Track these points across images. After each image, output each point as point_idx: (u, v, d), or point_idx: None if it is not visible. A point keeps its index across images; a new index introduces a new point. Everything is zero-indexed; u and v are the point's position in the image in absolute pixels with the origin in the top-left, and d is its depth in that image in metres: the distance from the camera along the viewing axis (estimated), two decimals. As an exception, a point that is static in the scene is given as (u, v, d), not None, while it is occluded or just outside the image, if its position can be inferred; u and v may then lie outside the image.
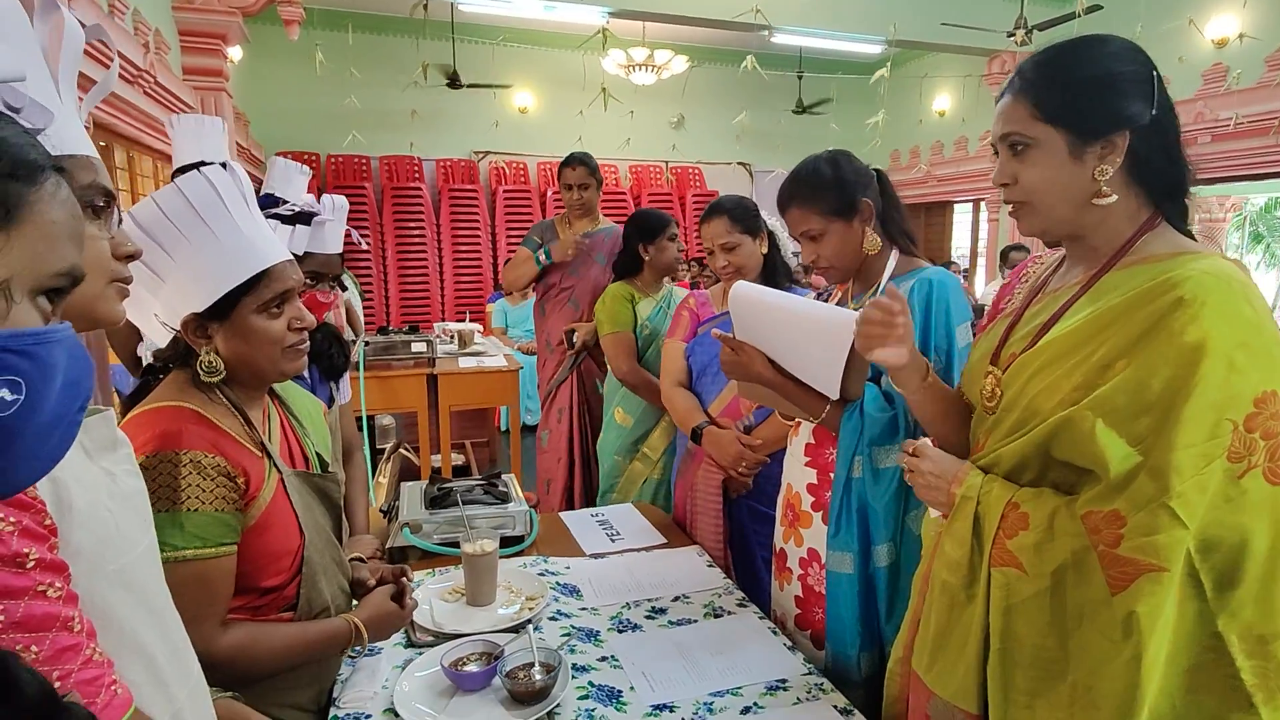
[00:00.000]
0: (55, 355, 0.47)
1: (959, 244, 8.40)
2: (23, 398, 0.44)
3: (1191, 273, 0.84)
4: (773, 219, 1.96)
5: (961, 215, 8.07)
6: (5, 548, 0.55)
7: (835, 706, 1.16)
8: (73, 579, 0.60)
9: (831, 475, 1.44)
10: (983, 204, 7.35)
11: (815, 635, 1.47)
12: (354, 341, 2.96)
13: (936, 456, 1.04)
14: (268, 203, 3.86)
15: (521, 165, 7.49)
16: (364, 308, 4.32)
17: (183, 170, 1.26)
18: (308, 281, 1.55)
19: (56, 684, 0.56)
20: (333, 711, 1.14)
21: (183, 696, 0.73)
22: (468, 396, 3.55)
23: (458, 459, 4.32)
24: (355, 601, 1.22)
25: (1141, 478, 0.81)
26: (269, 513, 1.05)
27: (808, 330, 1.34)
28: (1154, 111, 0.90)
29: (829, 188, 1.40)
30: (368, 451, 2.56)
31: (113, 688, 0.61)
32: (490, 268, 7.19)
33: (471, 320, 5.03)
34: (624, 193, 7.63)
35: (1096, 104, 0.91)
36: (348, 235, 1.71)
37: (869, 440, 1.33)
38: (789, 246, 1.99)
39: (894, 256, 1.40)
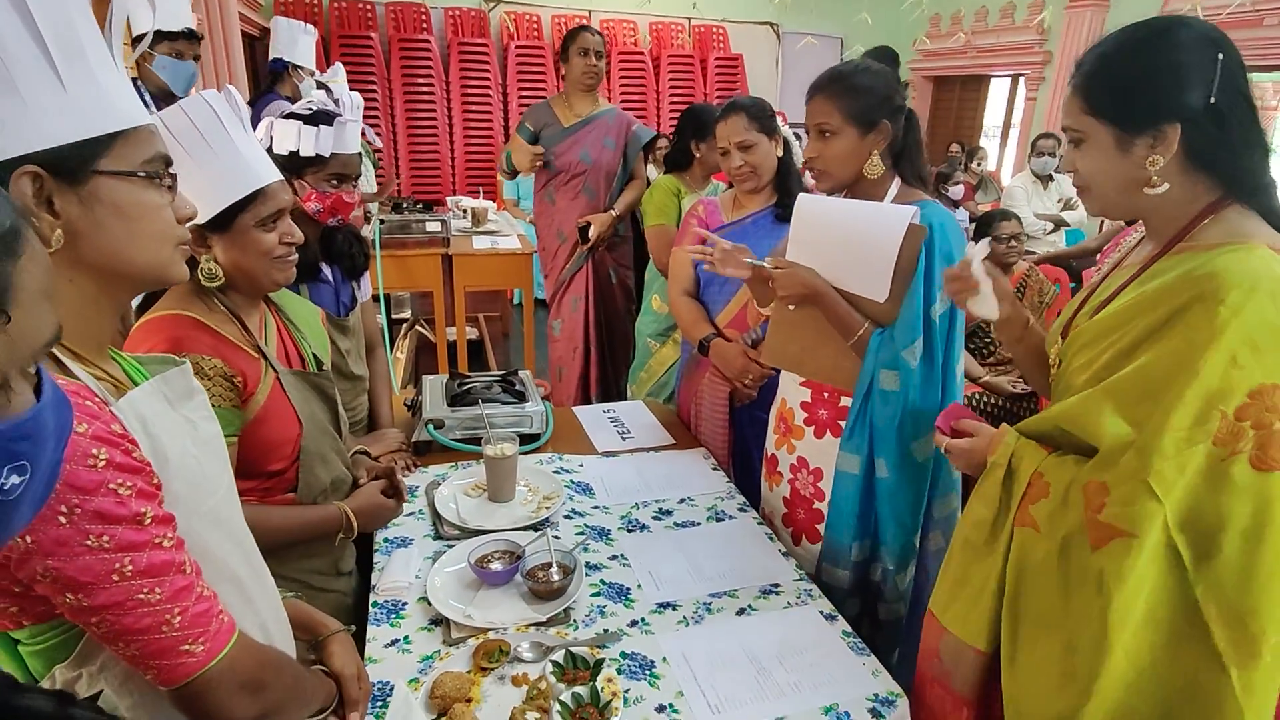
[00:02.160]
0: (46, 420, 0.48)
1: (992, 121, 8.01)
2: (29, 477, 0.46)
3: (1222, 269, 0.87)
4: (785, 127, 1.92)
5: (998, 90, 7.64)
6: (126, 509, 0.65)
7: (821, 611, 1.29)
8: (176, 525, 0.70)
9: (825, 395, 1.54)
10: (1021, 80, 6.93)
11: (797, 533, 1.61)
12: (369, 218, 2.96)
13: (961, 446, 1.13)
14: (278, 66, 3.70)
15: (535, 18, 7.03)
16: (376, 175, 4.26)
17: None
18: (333, 182, 1.56)
19: (178, 619, 0.68)
20: (372, 598, 1.28)
21: (266, 610, 0.87)
22: (482, 278, 3.58)
23: (471, 332, 4.42)
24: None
25: (1129, 454, 0.88)
26: (266, 408, 1.18)
27: (867, 224, 1.39)
28: (1211, 100, 0.89)
29: (861, 93, 1.40)
30: (384, 322, 2.65)
31: (220, 616, 0.73)
32: (501, 130, 6.95)
33: (485, 195, 4.94)
34: (642, 54, 7.21)
35: (1142, 97, 0.91)
36: (363, 134, 1.69)
37: (883, 360, 1.42)
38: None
39: (895, 185, 1.43)
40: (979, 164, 6.00)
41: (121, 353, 0.83)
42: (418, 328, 4.13)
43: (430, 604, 1.24)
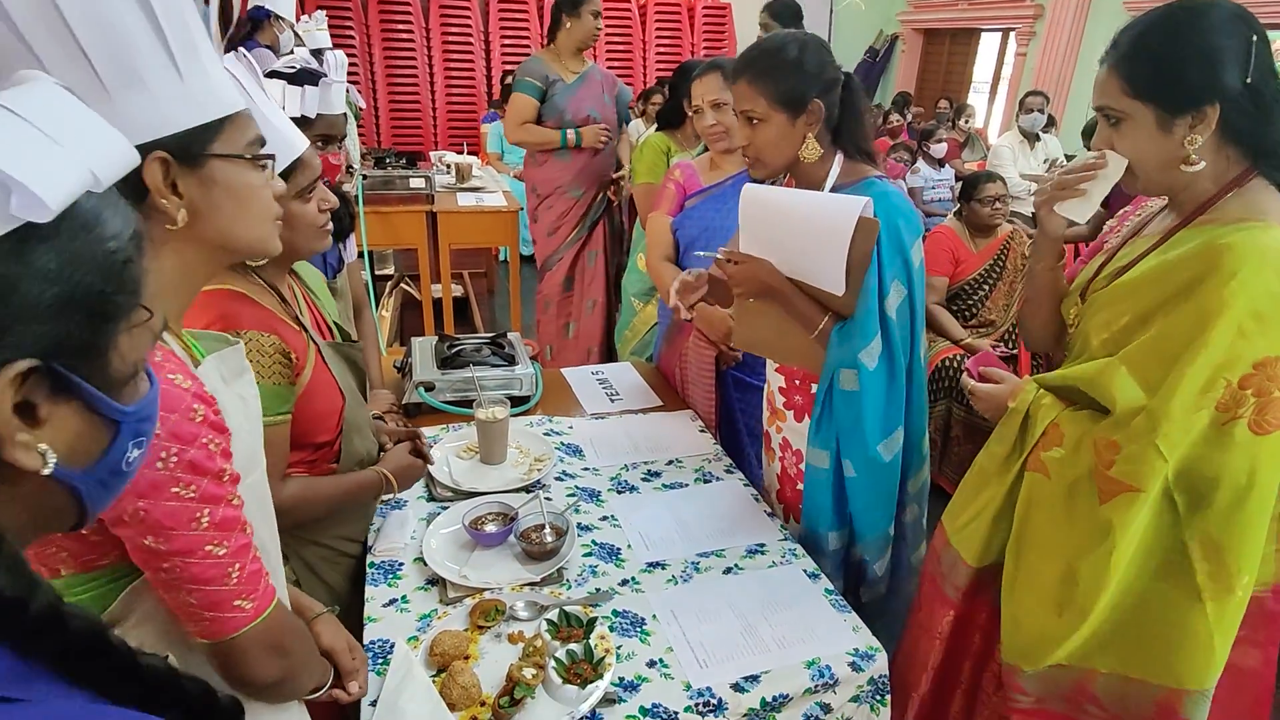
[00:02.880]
0: (157, 400, 0.52)
1: (981, 76, 7.93)
2: (144, 451, 0.51)
3: (1237, 244, 0.91)
4: None
5: (988, 45, 7.55)
6: (213, 464, 0.70)
7: (805, 571, 1.34)
8: None
9: (797, 381, 1.52)
10: (1012, 35, 6.86)
11: (787, 510, 1.63)
12: (353, 173, 2.91)
13: (986, 390, 1.21)
14: (259, 14, 3.58)
15: (518, -39, 6.82)
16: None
17: None
18: (318, 144, 1.53)
19: (236, 574, 0.73)
20: (370, 558, 1.31)
21: (279, 586, 0.90)
22: (467, 235, 3.55)
23: (456, 289, 4.39)
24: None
25: (1140, 417, 0.96)
26: (313, 381, 1.18)
27: (816, 219, 1.30)
28: (1248, 79, 0.92)
29: (788, 73, 1.29)
30: (369, 278, 2.63)
31: (267, 578, 0.78)
32: (483, 81, 6.79)
33: (468, 149, 4.85)
34: (629, 2, 7.03)
35: (1185, 79, 0.94)
36: (373, 101, 1.66)
37: (839, 359, 1.35)
38: None
39: (837, 162, 1.35)
40: (966, 121, 5.97)
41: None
42: (403, 285, 4.10)
43: (426, 564, 1.27)
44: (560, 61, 2.88)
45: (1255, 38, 0.93)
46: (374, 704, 1.00)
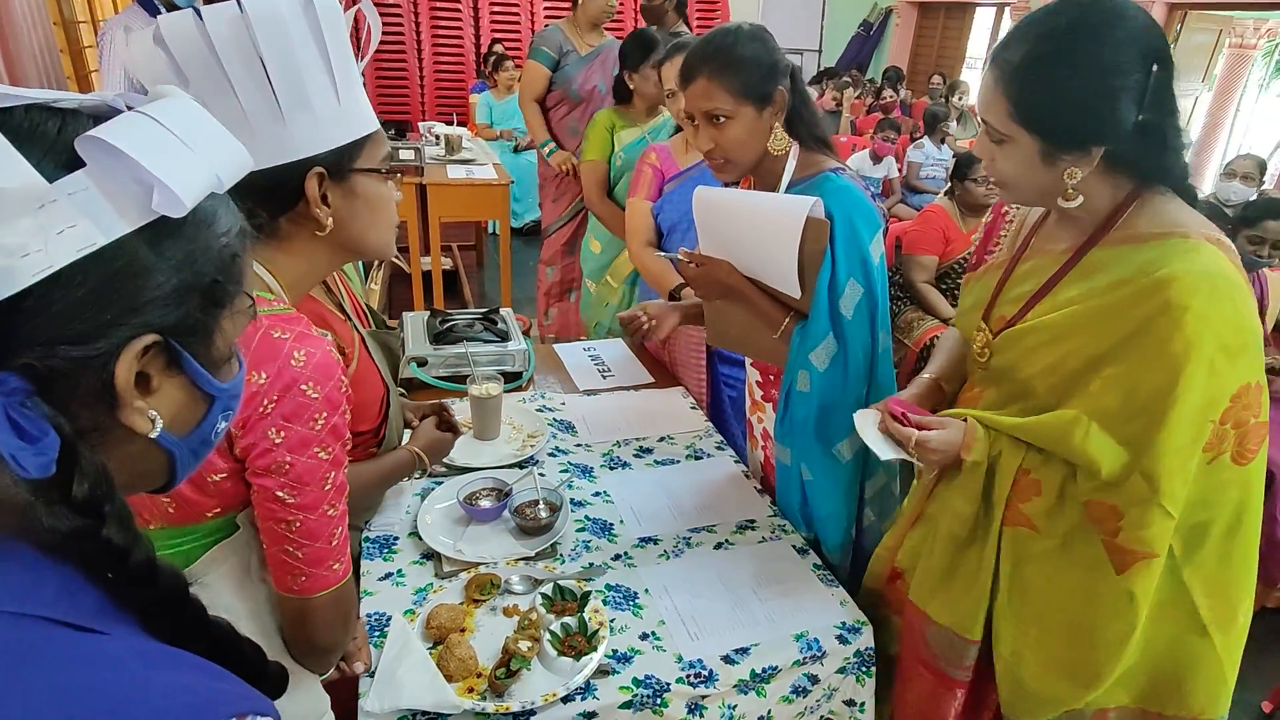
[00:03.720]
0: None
1: (975, 51, 7.89)
2: (229, 423, 0.55)
3: (1183, 274, 0.86)
4: None
5: (982, 20, 7.50)
6: (344, 432, 0.82)
7: (794, 546, 1.37)
8: None
9: (772, 376, 1.51)
10: (1006, 10, 6.82)
11: (772, 496, 1.63)
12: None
13: (940, 439, 1.04)
14: None
15: (507, -74, 6.66)
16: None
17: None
18: None
19: (338, 536, 0.82)
20: (365, 533, 1.33)
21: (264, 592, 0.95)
22: (457, 208, 3.52)
23: (445, 263, 4.36)
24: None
25: (1135, 478, 0.90)
26: (359, 370, 1.16)
27: (765, 221, 1.28)
28: (1140, 117, 0.87)
29: (749, 65, 1.23)
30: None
31: (349, 548, 0.86)
32: (472, 50, 6.67)
33: (457, 120, 4.79)
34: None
35: (1073, 120, 0.88)
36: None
37: (799, 358, 1.32)
38: None
39: (794, 153, 1.31)
40: (960, 98, 5.95)
41: None
42: (393, 258, 4.06)
43: (421, 539, 1.29)
44: (578, 33, 2.85)
45: (1156, 68, 0.86)
46: (372, 675, 1.02)
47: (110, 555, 0.44)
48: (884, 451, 1.07)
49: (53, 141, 0.40)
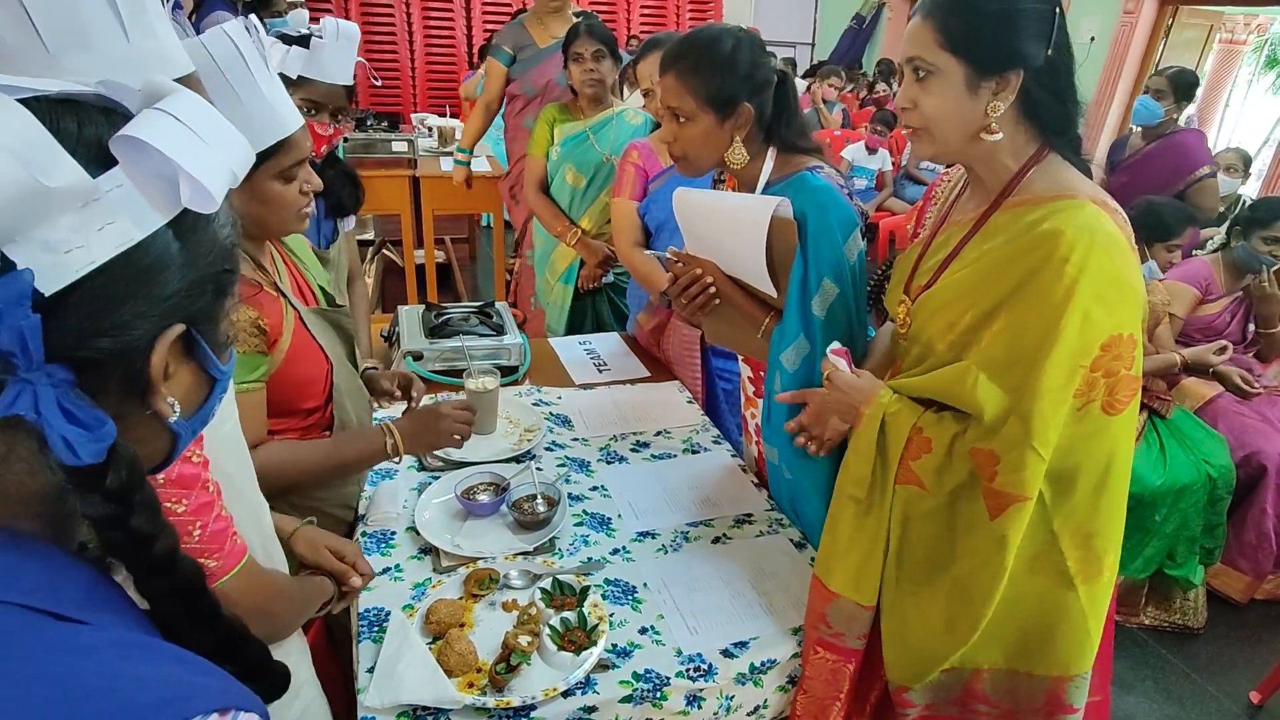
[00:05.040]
0: None
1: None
2: (220, 403, 0.56)
3: (1065, 227, 0.91)
4: None
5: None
6: None
7: (791, 540, 1.37)
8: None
9: (761, 373, 1.48)
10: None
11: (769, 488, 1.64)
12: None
13: (845, 381, 1.11)
14: None
15: (499, -84, 6.61)
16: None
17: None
18: (303, 110, 1.50)
19: (198, 532, 0.73)
20: (361, 528, 1.32)
21: (267, 530, 0.92)
22: (451, 201, 3.50)
23: (438, 255, 4.35)
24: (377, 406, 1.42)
25: (1011, 421, 0.93)
26: (294, 347, 1.16)
27: (734, 222, 1.27)
28: (1049, 52, 0.93)
29: (716, 72, 1.24)
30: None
31: (234, 537, 0.77)
32: (464, 42, 6.63)
33: (450, 112, 4.75)
34: (613, -40, 6.87)
35: (997, 39, 0.93)
36: (363, 71, 1.61)
37: (774, 359, 1.31)
38: None
39: (770, 157, 1.31)
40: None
41: None
42: (384, 251, 4.05)
43: (419, 534, 1.28)
44: (540, 23, 2.82)
45: (1058, 10, 0.93)
46: (371, 671, 1.02)
47: (136, 543, 0.45)
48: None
49: (77, 138, 0.41)
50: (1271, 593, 2.44)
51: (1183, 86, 3.17)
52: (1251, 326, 2.55)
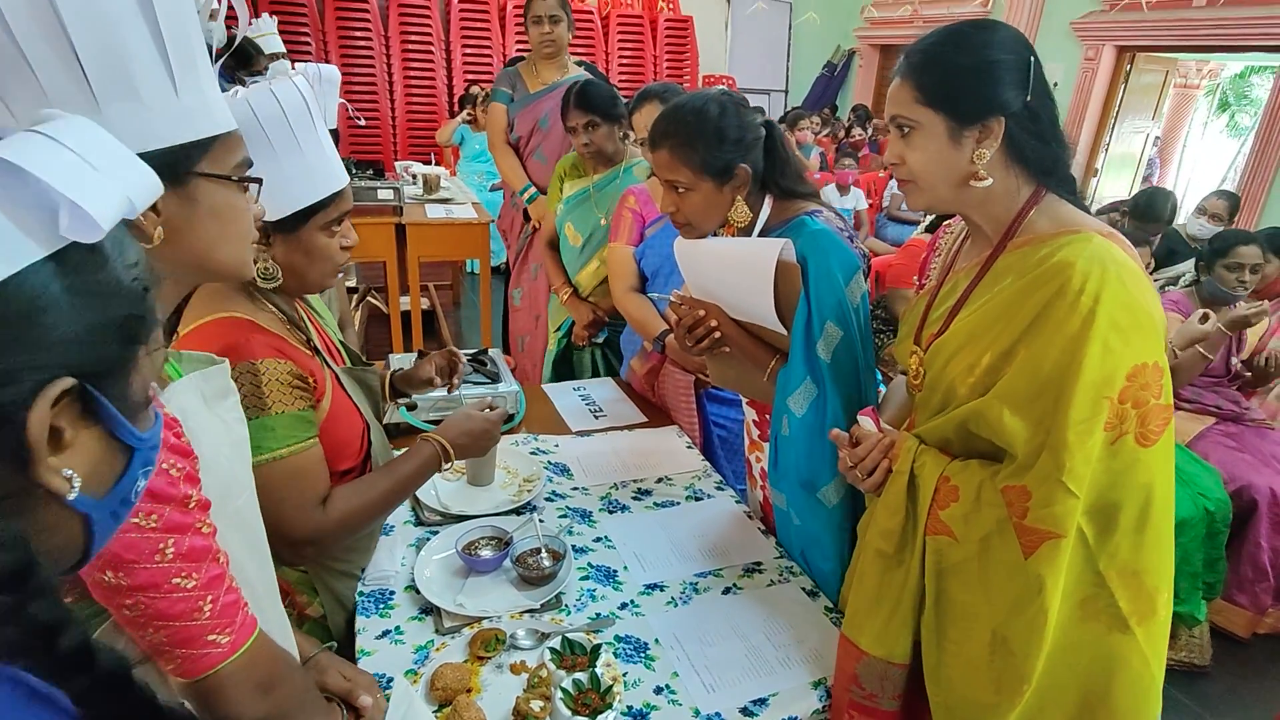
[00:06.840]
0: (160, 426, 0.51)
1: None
2: (148, 480, 0.49)
3: (1075, 259, 0.91)
4: None
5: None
6: (177, 490, 0.65)
7: (803, 589, 1.34)
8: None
9: (768, 416, 1.47)
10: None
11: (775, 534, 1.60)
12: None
13: (870, 443, 1.09)
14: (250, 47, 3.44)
15: (479, -29, 6.77)
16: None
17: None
18: None
19: (209, 608, 0.68)
20: (359, 588, 1.26)
21: (274, 622, 0.86)
22: (437, 248, 3.49)
23: (423, 302, 4.31)
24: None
25: (1043, 456, 0.91)
26: (334, 406, 1.14)
27: (739, 266, 1.27)
28: (1028, 98, 0.95)
29: (709, 140, 1.25)
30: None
31: (245, 609, 0.73)
32: (445, 91, 6.71)
33: (435, 160, 4.78)
34: (591, 12, 7.05)
35: (973, 90, 0.96)
36: (346, 112, 1.60)
37: (780, 404, 1.30)
38: None
39: (767, 204, 1.33)
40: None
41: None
42: (369, 298, 4.01)
43: (419, 593, 1.23)
44: (534, 70, 2.86)
45: (1032, 59, 0.96)
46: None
47: (37, 637, 0.38)
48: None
49: None
50: (1273, 627, 2.42)
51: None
52: (1235, 360, 2.59)
